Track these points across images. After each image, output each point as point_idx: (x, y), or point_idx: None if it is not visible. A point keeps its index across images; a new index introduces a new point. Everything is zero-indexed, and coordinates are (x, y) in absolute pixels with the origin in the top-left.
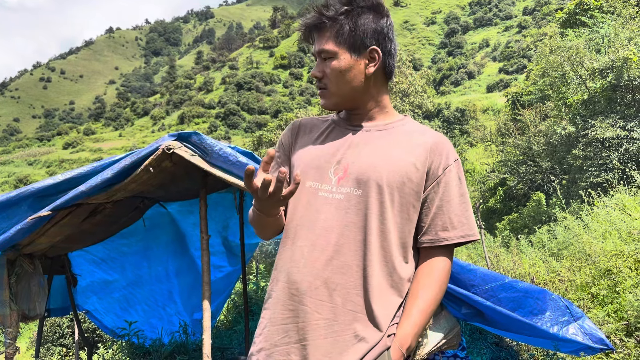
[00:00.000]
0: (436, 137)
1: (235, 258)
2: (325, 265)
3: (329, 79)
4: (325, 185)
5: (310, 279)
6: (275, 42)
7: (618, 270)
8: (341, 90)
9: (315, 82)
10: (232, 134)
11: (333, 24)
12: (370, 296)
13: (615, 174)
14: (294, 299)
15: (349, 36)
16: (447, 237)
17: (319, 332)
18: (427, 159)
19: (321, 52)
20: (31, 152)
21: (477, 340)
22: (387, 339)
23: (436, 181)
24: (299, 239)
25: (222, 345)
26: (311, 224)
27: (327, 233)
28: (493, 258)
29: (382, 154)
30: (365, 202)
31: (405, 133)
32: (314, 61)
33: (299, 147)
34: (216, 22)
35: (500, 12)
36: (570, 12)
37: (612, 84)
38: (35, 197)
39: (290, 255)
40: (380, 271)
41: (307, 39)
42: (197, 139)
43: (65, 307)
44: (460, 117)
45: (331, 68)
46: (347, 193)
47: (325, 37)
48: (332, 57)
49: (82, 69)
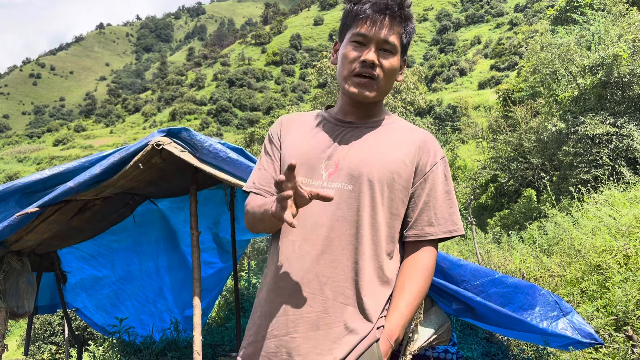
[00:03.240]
0: (424, 135)
1: (226, 254)
2: (316, 259)
3: (383, 73)
4: (316, 181)
5: (302, 273)
6: (267, 39)
7: (607, 265)
8: (387, 89)
9: (360, 67)
10: (224, 131)
11: (403, 21)
12: (361, 289)
13: (605, 170)
14: (285, 292)
15: (407, 40)
16: (433, 232)
17: (310, 325)
18: (415, 155)
19: (386, 42)
20: (21, 149)
21: (467, 335)
22: (377, 331)
23: (424, 177)
24: (290, 234)
25: (214, 342)
26: (302, 218)
27: (318, 227)
28: (484, 254)
29: (372, 150)
30: (357, 197)
31: (395, 130)
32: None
33: (288, 142)
34: (208, 18)
35: (491, 9)
36: (561, 9)
37: (602, 81)
38: (22, 193)
39: (282, 249)
40: (371, 264)
41: (370, 10)
42: (187, 134)
43: (53, 304)
44: (452, 114)
45: (390, 63)
46: (339, 188)
47: (395, 30)
48: (392, 52)
49: (73, 65)
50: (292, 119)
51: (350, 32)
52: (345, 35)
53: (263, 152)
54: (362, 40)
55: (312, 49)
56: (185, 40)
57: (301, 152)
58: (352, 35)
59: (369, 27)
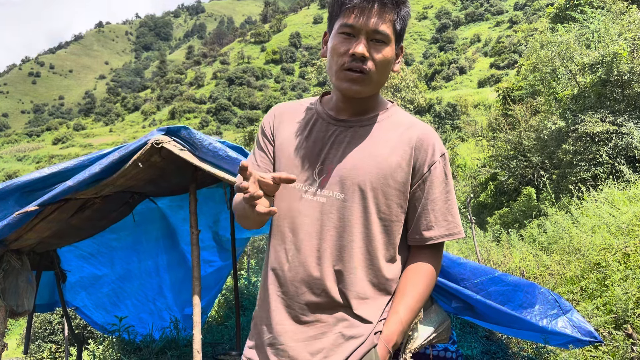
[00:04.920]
0: (422, 132)
1: (226, 253)
2: (309, 271)
3: (375, 66)
4: (309, 187)
5: (296, 283)
6: (267, 37)
7: (607, 263)
8: (381, 81)
9: (349, 61)
10: (224, 129)
11: (394, 8)
12: (356, 300)
13: (605, 169)
14: (281, 302)
15: (402, 26)
16: (432, 236)
17: (306, 334)
18: (412, 156)
19: (377, 32)
20: (20, 148)
21: (467, 333)
22: (374, 337)
23: (422, 179)
24: (284, 242)
25: (214, 340)
26: (295, 227)
27: (310, 237)
28: (484, 252)
29: (366, 155)
30: (347, 207)
31: (391, 127)
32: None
33: (281, 136)
34: (207, 16)
35: (491, 7)
36: (560, 7)
37: (601, 79)
38: (22, 191)
39: (276, 257)
40: (364, 275)
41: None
42: (186, 133)
43: (51, 303)
44: (451, 112)
45: (383, 55)
46: (330, 197)
47: (387, 18)
48: (384, 42)
49: (72, 64)
50: (285, 109)
51: (338, 23)
52: (334, 26)
53: (256, 147)
54: (351, 32)
55: (311, 47)
56: (184, 38)
57: (295, 153)
58: (340, 26)
59: (357, 17)
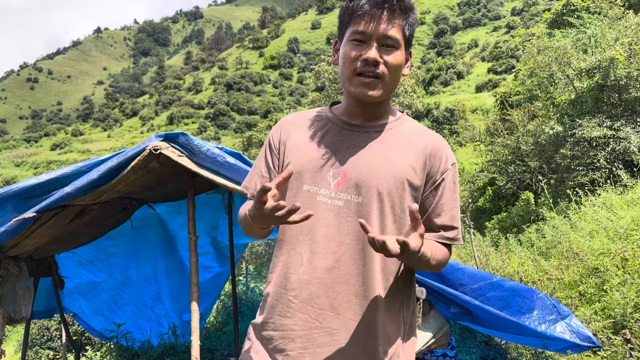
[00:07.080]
0: (436, 140)
1: (224, 259)
2: (325, 274)
3: (387, 69)
4: (324, 190)
5: (311, 287)
6: (265, 42)
7: (605, 268)
8: (393, 85)
9: (362, 66)
10: (222, 135)
11: (403, 14)
12: (372, 304)
13: (603, 173)
14: (293, 307)
15: (411, 31)
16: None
17: (319, 341)
18: (426, 163)
19: (387, 37)
20: (18, 153)
21: (466, 339)
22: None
23: (434, 185)
24: (298, 245)
25: (212, 346)
26: (311, 230)
27: (327, 241)
28: (482, 257)
29: (382, 159)
30: (365, 210)
31: (404, 134)
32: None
33: (291, 146)
34: (205, 22)
35: (488, 12)
36: (557, 12)
37: (599, 84)
38: (20, 198)
39: (289, 261)
40: (381, 279)
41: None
42: (184, 139)
43: (49, 309)
44: (449, 117)
45: (394, 58)
46: (347, 200)
47: (396, 23)
48: (394, 47)
49: (70, 70)
50: (293, 120)
51: (349, 30)
52: (345, 34)
53: (262, 158)
54: (362, 38)
55: (309, 52)
56: (182, 44)
57: (307, 158)
58: (352, 33)
59: (368, 23)
